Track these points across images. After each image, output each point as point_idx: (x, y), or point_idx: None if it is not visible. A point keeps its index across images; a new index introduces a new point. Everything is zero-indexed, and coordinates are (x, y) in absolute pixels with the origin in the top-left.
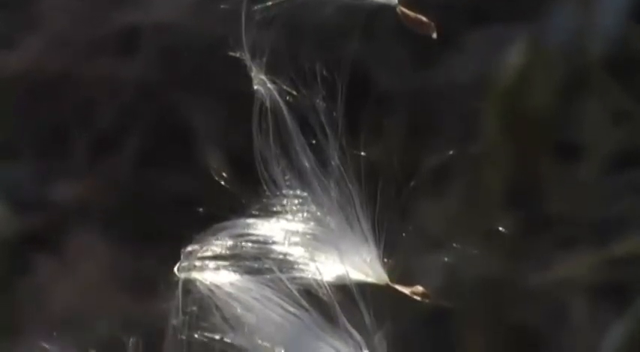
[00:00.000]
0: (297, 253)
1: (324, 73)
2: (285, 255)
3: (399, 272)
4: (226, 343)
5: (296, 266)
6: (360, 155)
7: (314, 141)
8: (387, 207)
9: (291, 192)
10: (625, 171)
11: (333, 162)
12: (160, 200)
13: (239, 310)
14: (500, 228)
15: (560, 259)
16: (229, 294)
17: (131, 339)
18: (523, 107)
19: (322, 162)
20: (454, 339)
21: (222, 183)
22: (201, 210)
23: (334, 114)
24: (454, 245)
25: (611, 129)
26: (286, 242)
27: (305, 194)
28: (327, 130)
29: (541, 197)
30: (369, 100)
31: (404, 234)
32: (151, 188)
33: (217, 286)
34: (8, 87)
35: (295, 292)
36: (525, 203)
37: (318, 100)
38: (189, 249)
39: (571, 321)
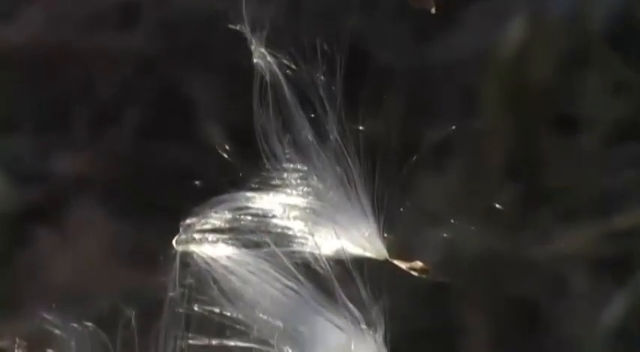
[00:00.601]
0: (295, 227)
1: (324, 47)
2: (283, 228)
3: (399, 247)
4: (224, 316)
5: (295, 240)
6: (360, 130)
7: (313, 116)
8: (386, 183)
9: (290, 165)
10: (625, 143)
11: (332, 137)
12: (160, 173)
13: (236, 283)
14: (497, 205)
15: (560, 232)
16: (227, 267)
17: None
18: (523, 81)
19: (322, 136)
20: (454, 314)
21: (222, 156)
22: (200, 183)
23: (333, 88)
24: (454, 220)
25: (612, 102)
26: (285, 216)
27: (305, 168)
28: (327, 105)
29: (541, 170)
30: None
31: (403, 210)
32: (151, 161)
33: (215, 259)
34: (8, 61)
35: (293, 266)
36: (526, 176)
37: (317, 75)
38: (187, 221)
39: (571, 295)
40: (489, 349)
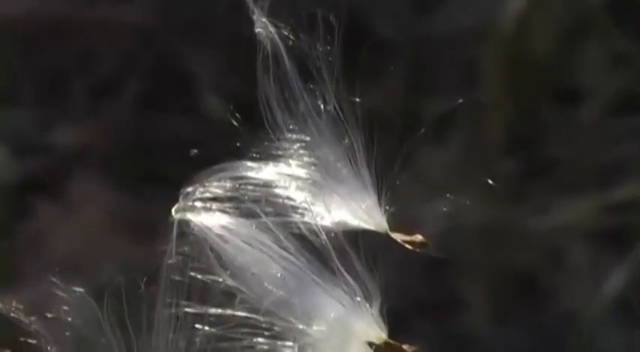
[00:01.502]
0: (295, 198)
1: (324, 18)
2: (283, 199)
3: (399, 220)
4: (220, 285)
5: (294, 211)
6: (359, 102)
7: (314, 87)
8: (387, 155)
9: (291, 136)
10: (625, 115)
11: (333, 109)
12: (160, 144)
13: (233, 253)
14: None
15: (559, 205)
16: (224, 236)
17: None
18: (524, 53)
19: (322, 108)
20: (453, 286)
21: (222, 127)
22: (200, 153)
23: (331, 59)
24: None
25: (612, 74)
26: (285, 186)
27: (306, 138)
28: (328, 76)
29: (541, 143)
30: (369, 47)
31: (404, 182)
32: (151, 132)
33: (213, 228)
34: (7, 34)
35: (291, 237)
36: (526, 148)
37: (318, 46)
38: (187, 189)
39: (571, 266)
40: (488, 321)
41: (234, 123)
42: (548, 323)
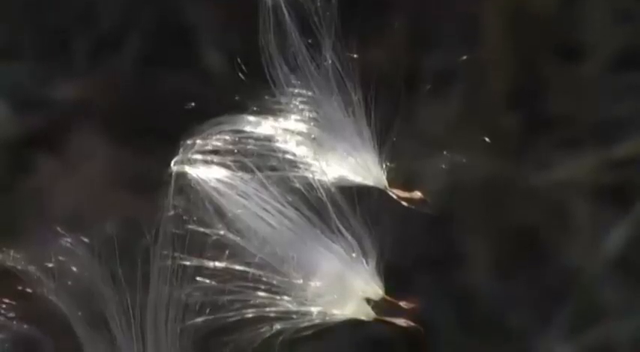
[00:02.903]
0: (295, 153)
1: None
2: (282, 153)
3: (399, 176)
4: (217, 238)
5: (293, 165)
6: (364, 58)
7: (314, 42)
8: (388, 111)
9: (292, 90)
10: (627, 71)
11: (333, 64)
12: (161, 99)
13: (231, 206)
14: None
15: (561, 160)
16: (222, 190)
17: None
18: (525, 8)
19: (323, 63)
20: (454, 242)
21: (223, 81)
22: (201, 107)
23: (330, 14)
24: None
25: (614, 29)
26: (285, 141)
27: (306, 93)
28: (328, 31)
29: (542, 98)
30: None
31: (404, 138)
32: (151, 87)
33: (210, 181)
34: None
35: (291, 191)
36: (527, 104)
37: (318, 0)
38: (186, 142)
39: (571, 222)
40: (489, 276)
41: (235, 77)
42: (549, 279)
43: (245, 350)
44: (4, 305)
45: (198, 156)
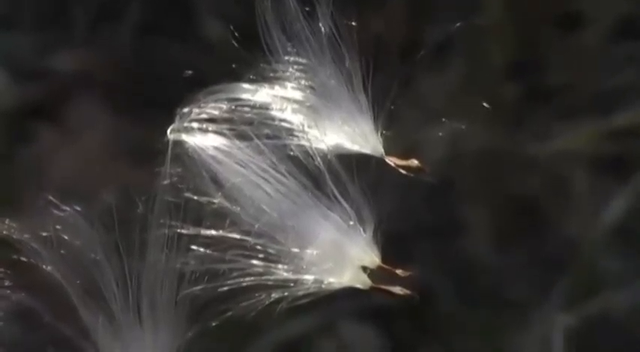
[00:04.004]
0: (292, 121)
1: None
2: (279, 121)
3: (398, 144)
4: (214, 206)
5: (290, 133)
6: (361, 26)
7: (312, 10)
8: (385, 80)
9: (289, 58)
10: (626, 41)
11: (331, 33)
12: (160, 68)
13: (227, 174)
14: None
15: (560, 130)
16: (218, 158)
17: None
18: None
19: (321, 31)
20: (454, 211)
21: (221, 51)
22: (199, 76)
23: None
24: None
25: None
26: (282, 109)
27: (304, 61)
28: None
29: (542, 68)
30: None
31: (402, 107)
32: (151, 57)
33: (207, 149)
34: None
35: (287, 159)
36: (526, 74)
37: None
38: (184, 110)
39: (571, 193)
40: (489, 246)
41: (232, 46)
42: (548, 249)
43: (242, 319)
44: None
45: (195, 125)
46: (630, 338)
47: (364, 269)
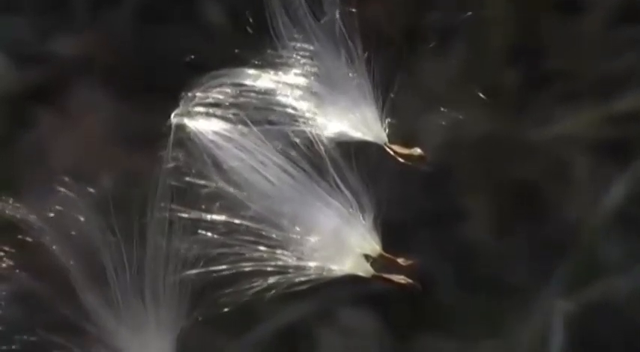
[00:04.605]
0: (295, 107)
1: None
2: (283, 107)
3: (400, 132)
4: (215, 190)
5: (293, 120)
6: (365, 13)
7: None
8: (388, 67)
9: (294, 44)
10: (627, 26)
11: (335, 20)
12: (162, 53)
13: (229, 159)
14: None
15: (560, 115)
16: (220, 143)
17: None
18: None
19: (324, 18)
20: (454, 198)
21: (224, 36)
22: (202, 62)
23: None
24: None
25: None
26: (285, 95)
27: (308, 47)
28: None
29: (543, 53)
30: None
31: (404, 94)
32: (152, 42)
33: (209, 134)
34: None
35: (289, 146)
36: (527, 59)
37: None
38: (188, 94)
39: (571, 178)
40: (489, 232)
41: (236, 31)
42: (549, 235)
43: (242, 304)
44: (2, 254)
45: (198, 109)
46: (630, 324)
47: (367, 257)
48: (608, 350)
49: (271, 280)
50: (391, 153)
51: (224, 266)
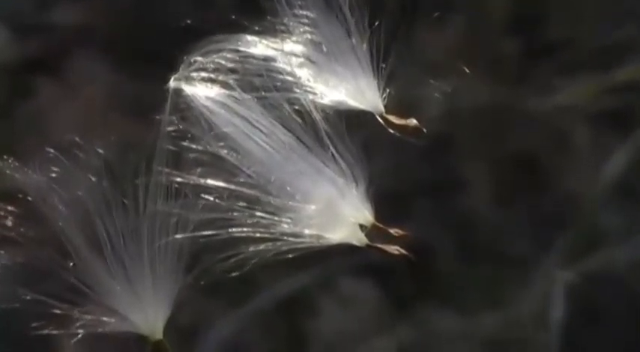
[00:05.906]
0: (293, 75)
1: None
2: (281, 74)
3: (398, 101)
4: (211, 156)
5: (291, 87)
6: None
7: None
8: (387, 36)
9: (293, 11)
10: None
11: None
12: (161, 22)
13: (225, 125)
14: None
15: (561, 85)
16: (216, 109)
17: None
18: None
19: None
20: (454, 168)
21: (223, 4)
22: (201, 29)
23: None
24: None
25: None
26: (283, 62)
27: (308, 14)
28: None
29: (542, 24)
30: None
31: (403, 64)
32: (151, 10)
33: (206, 99)
34: None
35: (286, 113)
36: (527, 29)
37: None
38: (187, 58)
39: (572, 148)
40: (489, 202)
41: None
42: (549, 205)
43: (238, 269)
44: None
45: (197, 74)
46: (631, 294)
47: (362, 227)
48: (609, 319)
49: (266, 246)
50: (385, 124)
51: (219, 231)
